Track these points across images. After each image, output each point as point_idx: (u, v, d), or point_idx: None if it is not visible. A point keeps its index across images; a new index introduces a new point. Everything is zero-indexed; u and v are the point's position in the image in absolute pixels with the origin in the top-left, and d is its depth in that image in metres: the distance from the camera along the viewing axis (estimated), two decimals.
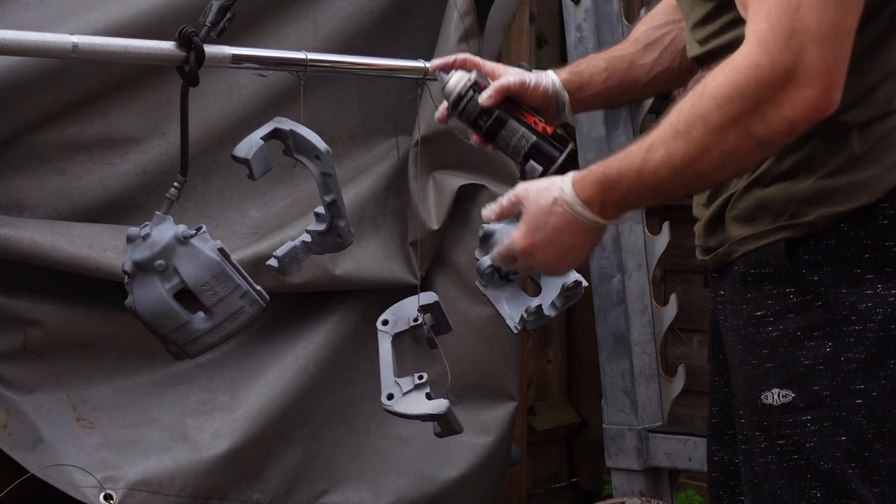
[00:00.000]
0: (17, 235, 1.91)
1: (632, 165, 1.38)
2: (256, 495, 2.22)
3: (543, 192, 1.47)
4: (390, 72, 1.96)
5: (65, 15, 1.94)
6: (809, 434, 1.44)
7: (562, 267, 1.53)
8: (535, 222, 1.48)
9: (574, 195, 1.44)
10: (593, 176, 1.43)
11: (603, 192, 1.42)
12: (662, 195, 1.40)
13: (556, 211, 1.45)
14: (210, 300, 1.59)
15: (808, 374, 1.43)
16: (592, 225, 1.44)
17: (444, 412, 1.74)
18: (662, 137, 1.35)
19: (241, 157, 1.59)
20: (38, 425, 2.00)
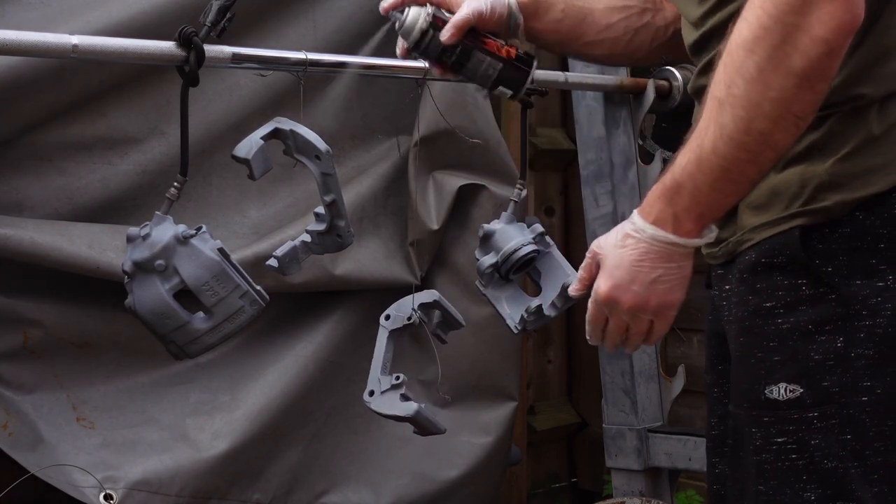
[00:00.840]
0: (17, 235, 1.91)
1: (689, 160, 1.31)
2: (256, 495, 2.22)
3: (613, 233, 1.40)
4: (390, 71, 1.96)
5: (65, 15, 1.94)
6: (815, 431, 1.40)
7: (655, 306, 1.39)
8: (612, 264, 1.39)
9: (642, 220, 1.36)
10: (654, 192, 1.35)
11: (670, 204, 1.33)
12: (735, 183, 1.31)
13: (629, 243, 1.37)
14: (210, 300, 1.59)
15: (818, 370, 1.39)
16: (672, 248, 1.35)
17: (412, 415, 1.75)
18: (708, 115, 1.29)
19: (242, 157, 1.59)
20: (38, 425, 2.00)
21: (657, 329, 1.42)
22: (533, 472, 3.20)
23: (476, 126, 2.38)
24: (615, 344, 1.46)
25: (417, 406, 1.75)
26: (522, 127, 2.11)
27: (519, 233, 1.96)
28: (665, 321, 1.40)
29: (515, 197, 2.03)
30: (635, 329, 1.42)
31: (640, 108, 2.71)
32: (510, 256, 1.94)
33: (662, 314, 1.40)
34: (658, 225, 1.35)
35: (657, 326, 1.42)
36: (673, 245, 1.35)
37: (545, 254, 1.98)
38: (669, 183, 1.34)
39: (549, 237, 2.01)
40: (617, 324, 1.42)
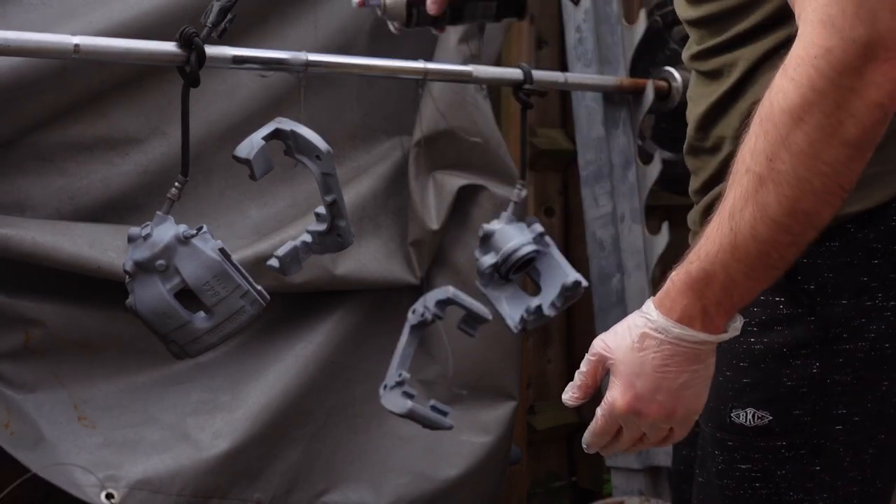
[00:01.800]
0: (19, 235, 1.91)
1: (720, 246, 1.12)
2: (257, 495, 2.22)
3: (626, 334, 1.19)
4: (390, 72, 1.97)
5: (66, 16, 1.94)
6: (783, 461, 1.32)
7: (681, 415, 1.20)
8: (629, 371, 1.18)
9: (663, 317, 1.16)
10: (677, 285, 1.16)
11: (698, 298, 1.14)
12: (773, 269, 1.14)
13: (649, 346, 1.17)
14: (211, 300, 1.59)
15: (789, 397, 1.30)
16: (701, 348, 1.16)
17: (406, 413, 1.77)
18: (743, 194, 1.10)
19: (243, 157, 1.59)
20: (39, 424, 2.00)
21: (676, 436, 1.23)
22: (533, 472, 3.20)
23: (476, 126, 2.38)
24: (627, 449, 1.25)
25: (411, 405, 1.76)
26: (522, 127, 2.12)
27: (519, 233, 1.97)
28: (686, 428, 1.22)
29: (515, 197, 2.04)
30: (653, 439, 1.23)
31: (640, 108, 2.72)
32: (510, 256, 1.94)
33: (687, 422, 1.21)
34: (685, 323, 1.15)
35: (676, 433, 1.22)
36: (702, 344, 1.16)
37: (545, 254, 1.99)
38: (697, 273, 1.14)
39: (548, 237, 2.01)
40: (633, 436, 1.22)
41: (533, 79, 2.07)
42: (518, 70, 2.10)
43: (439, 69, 2.05)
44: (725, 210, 1.13)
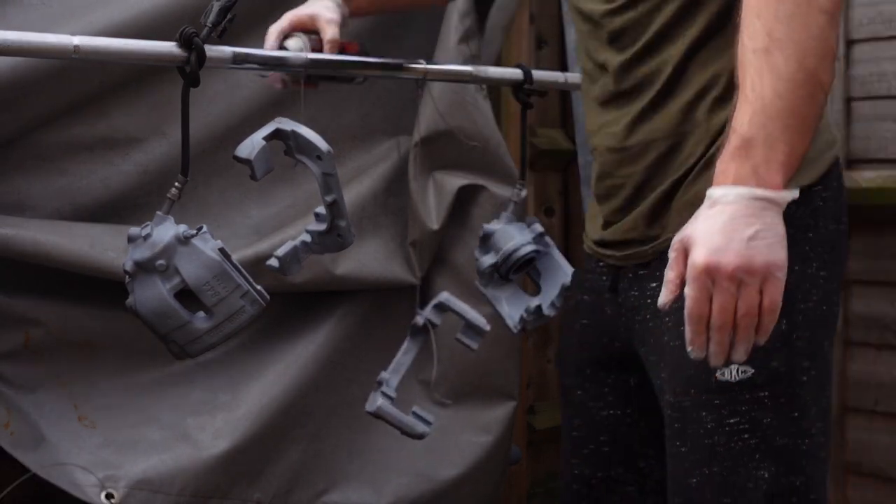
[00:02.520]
0: (19, 235, 1.91)
1: (752, 114, 1.27)
2: (257, 494, 2.22)
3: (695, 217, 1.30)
4: (390, 72, 1.97)
5: (66, 16, 1.95)
6: (767, 410, 1.46)
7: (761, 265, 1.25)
8: (702, 234, 1.27)
9: (721, 188, 1.28)
10: (724, 159, 1.29)
11: (746, 159, 1.27)
12: (802, 125, 1.28)
13: (715, 211, 1.27)
14: (211, 300, 1.59)
15: (766, 351, 1.40)
16: (763, 203, 1.26)
17: (373, 411, 1.80)
18: (757, 69, 1.28)
19: (243, 157, 1.59)
20: (39, 424, 2.00)
21: (767, 302, 1.27)
22: (533, 472, 3.20)
23: (476, 126, 2.38)
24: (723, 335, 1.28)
25: (379, 403, 1.79)
26: (522, 127, 2.12)
27: (519, 233, 1.97)
28: (775, 289, 1.26)
29: (515, 197, 2.04)
30: (745, 302, 1.26)
31: None
32: (510, 256, 1.94)
33: (771, 278, 1.26)
34: (740, 183, 1.26)
35: (766, 298, 1.27)
36: (762, 200, 1.26)
37: (545, 254, 1.99)
38: (737, 143, 1.28)
39: (548, 237, 2.01)
40: (724, 300, 1.26)
41: (533, 79, 2.07)
42: (518, 70, 2.10)
43: (439, 69, 2.05)
44: (746, 89, 1.29)
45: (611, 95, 1.65)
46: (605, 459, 1.76)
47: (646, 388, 1.69)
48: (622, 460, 1.74)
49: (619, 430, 1.74)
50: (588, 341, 1.77)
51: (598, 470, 1.75)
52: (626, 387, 1.75)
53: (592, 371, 1.76)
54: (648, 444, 1.73)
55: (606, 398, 1.76)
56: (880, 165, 2.85)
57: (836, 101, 3.00)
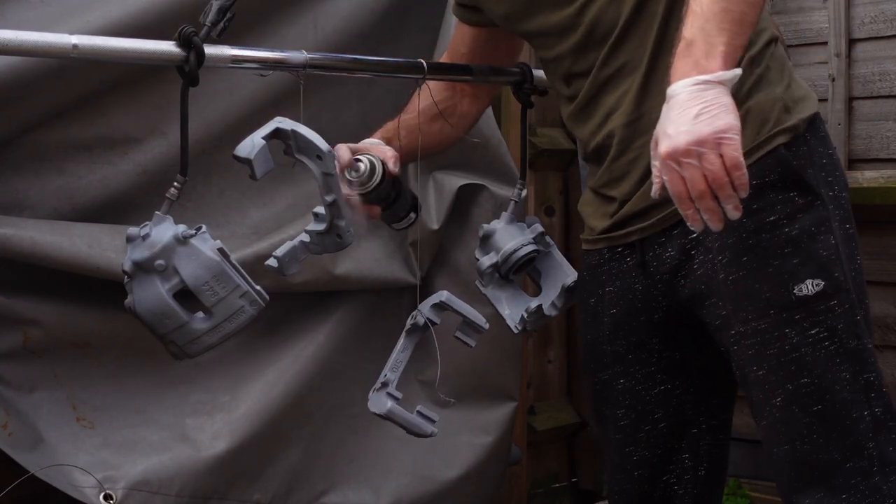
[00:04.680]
0: (17, 235, 1.91)
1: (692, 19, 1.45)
2: (256, 495, 2.22)
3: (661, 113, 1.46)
4: (390, 72, 1.96)
5: (65, 15, 1.94)
6: (838, 316, 1.61)
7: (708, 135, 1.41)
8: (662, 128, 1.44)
9: (673, 84, 1.45)
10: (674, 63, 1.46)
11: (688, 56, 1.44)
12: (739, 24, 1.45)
13: (669, 105, 1.44)
14: (210, 300, 1.59)
15: (829, 264, 1.62)
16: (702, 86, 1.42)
17: (384, 414, 1.79)
18: None
19: (243, 157, 1.59)
20: (37, 425, 2.00)
21: (728, 160, 1.41)
22: (533, 472, 3.20)
23: (476, 126, 2.37)
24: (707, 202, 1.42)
25: (390, 405, 1.78)
26: (522, 127, 2.11)
27: (519, 233, 1.97)
28: (729, 148, 1.40)
29: (515, 197, 2.03)
30: (709, 169, 1.41)
31: None
32: (510, 256, 1.94)
33: (723, 141, 1.40)
34: (683, 77, 1.43)
35: (726, 157, 1.41)
36: (701, 83, 1.42)
37: (545, 254, 1.98)
38: (682, 46, 1.45)
39: (549, 237, 2.01)
40: (691, 173, 1.42)
41: (533, 78, 2.07)
42: (518, 70, 2.09)
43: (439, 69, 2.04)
44: (690, 2, 1.46)
45: (599, 87, 1.74)
46: (662, 436, 1.81)
47: (690, 356, 1.78)
48: (677, 432, 1.81)
49: (671, 402, 1.80)
50: (624, 328, 1.79)
51: (657, 448, 1.81)
52: (671, 360, 1.79)
53: (635, 355, 1.79)
54: (699, 410, 1.81)
55: (655, 377, 1.79)
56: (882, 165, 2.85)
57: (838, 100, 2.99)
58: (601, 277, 1.81)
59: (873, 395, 1.63)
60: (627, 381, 1.80)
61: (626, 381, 1.80)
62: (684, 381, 1.80)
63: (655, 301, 1.75)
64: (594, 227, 1.82)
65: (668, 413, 1.80)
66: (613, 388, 1.82)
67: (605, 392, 1.84)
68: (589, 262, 1.84)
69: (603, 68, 1.73)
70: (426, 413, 1.87)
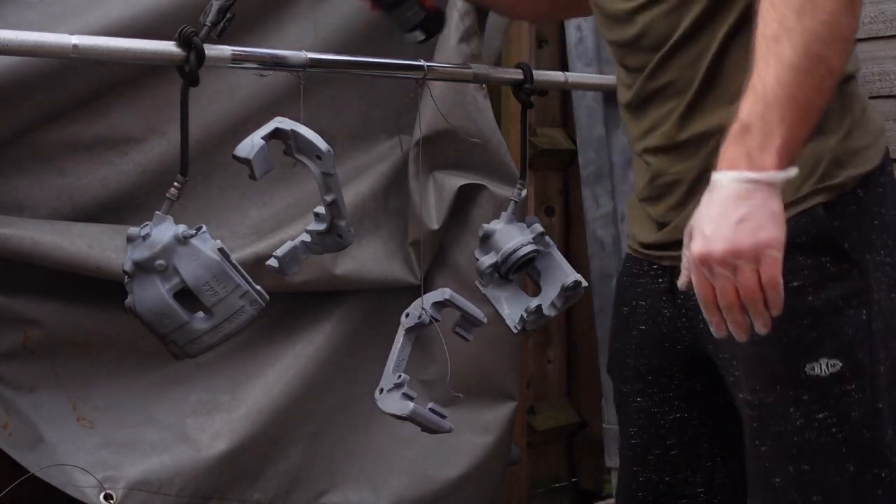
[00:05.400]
0: (18, 235, 1.91)
1: (752, 101, 1.30)
2: (257, 495, 2.22)
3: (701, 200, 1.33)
4: (390, 72, 1.96)
5: (65, 15, 1.94)
6: (854, 403, 1.45)
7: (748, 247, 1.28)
8: (700, 224, 1.32)
9: (718, 172, 1.31)
10: (725, 143, 1.32)
11: (740, 145, 1.29)
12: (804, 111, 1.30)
13: (712, 197, 1.31)
14: (210, 300, 1.59)
15: (852, 343, 1.45)
16: (752, 185, 1.28)
17: (407, 415, 1.76)
18: (763, 55, 1.30)
19: (243, 157, 1.59)
20: (38, 425, 2.00)
21: (766, 278, 1.29)
22: (533, 472, 3.20)
23: (476, 126, 2.37)
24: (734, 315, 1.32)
25: (413, 406, 1.75)
26: (522, 127, 2.12)
27: (519, 233, 1.97)
28: (769, 265, 1.28)
29: (515, 197, 2.03)
30: (742, 283, 1.29)
31: None
32: (510, 256, 1.94)
33: (763, 257, 1.28)
34: (733, 168, 1.30)
35: (764, 275, 1.29)
36: (752, 182, 1.28)
37: (545, 254, 1.98)
38: (736, 128, 1.31)
39: (548, 237, 2.01)
40: (722, 284, 1.30)
41: (533, 78, 2.07)
42: (518, 69, 2.09)
43: (439, 68, 2.04)
44: (753, 76, 1.31)
45: (648, 95, 1.61)
46: (672, 463, 1.71)
47: (712, 389, 1.66)
48: (689, 463, 1.70)
49: (686, 432, 1.70)
50: (647, 348, 1.71)
51: (665, 475, 1.71)
52: (692, 391, 1.70)
53: (654, 378, 1.70)
54: (715, 443, 1.70)
55: (672, 402, 1.70)
56: None
57: None
58: (637, 289, 1.72)
59: (881, 493, 1.47)
60: (645, 401, 1.71)
61: (644, 401, 1.72)
62: (703, 412, 1.69)
63: (679, 332, 1.66)
64: (636, 237, 1.74)
65: (681, 442, 1.70)
66: (630, 404, 1.75)
67: (623, 404, 1.78)
68: (630, 268, 1.76)
69: (651, 79, 1.60)
70: (438, 410, 1.87)
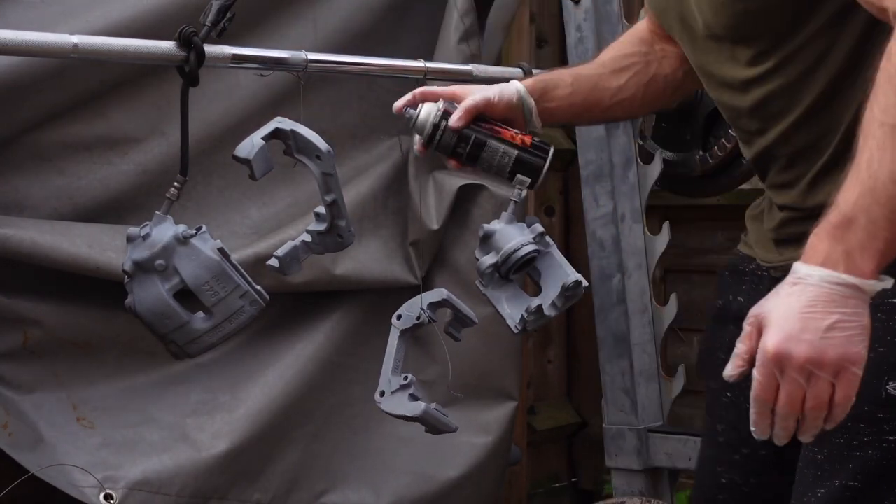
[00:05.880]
0: (18, 235, 1.91)
1: (860, 193, 1.18)
2: (257, 495, 2.22)
3: (775, 293, 1.22)
4: (390, 71, 1.96)
5: (65, 15, 1.94)
6: None
7: (833, 359, 1.18)
8: (778, 316, 1.19)
9: (807, 266, 1.19)
10: (819, 235, 1.20)
11: (840, 242, 1.18)
12: None
13: (795, 291, 1.19)
14: (210, 300, 1.59)
15: None
16: (848, 290, 1.17)
17: (419, 416, 1.75)
18: (879, 144, 1.18)
19: (243, 157, 1.59)
20: (38, 425, 2.00)
21: (840, 396, 1.19)
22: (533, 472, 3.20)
23: None
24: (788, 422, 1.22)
25: (425, 406, 1.75)
26: None
27: (519, 233, 1.96)
28: (848, 383, 1.19)
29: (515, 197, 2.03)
30: (813, 394, 1.19)
31: None
32: (510, 256, 1.93)
33: (844, 372, 1.18)
34: (828, 266, 1.17)
35: (839, 392, 1.19)
36: (848, 287, 1.17)
37: (545, 254, 1.98)
38: (836, 220, 1.18)
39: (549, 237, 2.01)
40: (791, 390, 1.19)
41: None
42: (518, 70, 2.09)
43: (439, 68, 2.04)
44: (862, 162, 1.18)
45: (770, 158, 1.52)
46: (761, 464, 1.62)
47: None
48: (777, 464, 1.60)
49: None
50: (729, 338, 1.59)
51: (751, 476, 1.62)
52: None
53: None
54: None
55: None
56: None
57: None
58: (741, 285, 1.65)
59: None
60: (735, 396, 1.60)
61: (734, 396, 1.61)
62: None
63: None
64: (751, 244, 1.66)
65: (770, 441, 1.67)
66: (719, 400, 1.65)
67: (711, 402, 1.69)
68: (735, 263, 1.68)
69: (774, 146, 1.50)
70: (441, 410, 1.87)
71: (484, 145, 1.61)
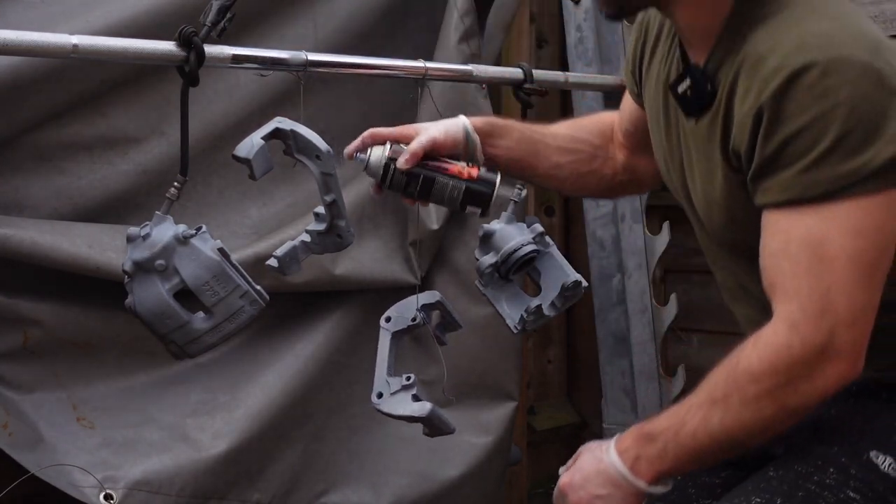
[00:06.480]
0: (18, 235, 1.91)
1: (671, 425, 1.41)
2: (257, 495, 2.22)
3: (599, 445, 1.48)
4: (390, 72, 1.96)
5: (65, 15, 1.94)
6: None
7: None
8: (580, 462, 1.49)
9: (612, 445, 1.45)
10: (634, 429, 1.45)
11: (639, 445, 1.43)
12: (701, 463, 1.43)
13: (598, 457, 1.46)
14: (210, 300, 1.59)
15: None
16: (621, 480, 1.43)
17: (426, 415, 1.74)
18: (699, 403, 1.39)
19: (242, 157, 1.59)
20: (38, 425, 2.00)
21: None
22: (533, 472, 3.20)
23: None
24: None
25: (431, 406, 1.74)
26: None
27: (519, 233, 1.96)
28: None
29: (515, 197, 2.03)
30: None
31: None
32: (510, 256, 1.94)
33: None
34: (622, 458, 1.43)
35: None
36: (623, 479, 1.43)
37: (545, 253, 1.98)
38: (647, 429, 1.43)
39: (549, 237, 2.01)
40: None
41: (533, 78, 2.07)
42: (518, 69, 2.09)
43: (439, 68, 2.04)
44: (685, 404, 1.40)
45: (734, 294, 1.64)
46: None
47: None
48: None
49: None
50: None
51: None
52: None
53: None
54: None
55: None
56: None
57: None
58: None
59: None
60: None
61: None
62: None
63: None
64: None
65: None
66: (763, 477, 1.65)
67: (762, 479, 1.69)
68: None
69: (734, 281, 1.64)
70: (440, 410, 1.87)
71: (433, 182, 1.66)
